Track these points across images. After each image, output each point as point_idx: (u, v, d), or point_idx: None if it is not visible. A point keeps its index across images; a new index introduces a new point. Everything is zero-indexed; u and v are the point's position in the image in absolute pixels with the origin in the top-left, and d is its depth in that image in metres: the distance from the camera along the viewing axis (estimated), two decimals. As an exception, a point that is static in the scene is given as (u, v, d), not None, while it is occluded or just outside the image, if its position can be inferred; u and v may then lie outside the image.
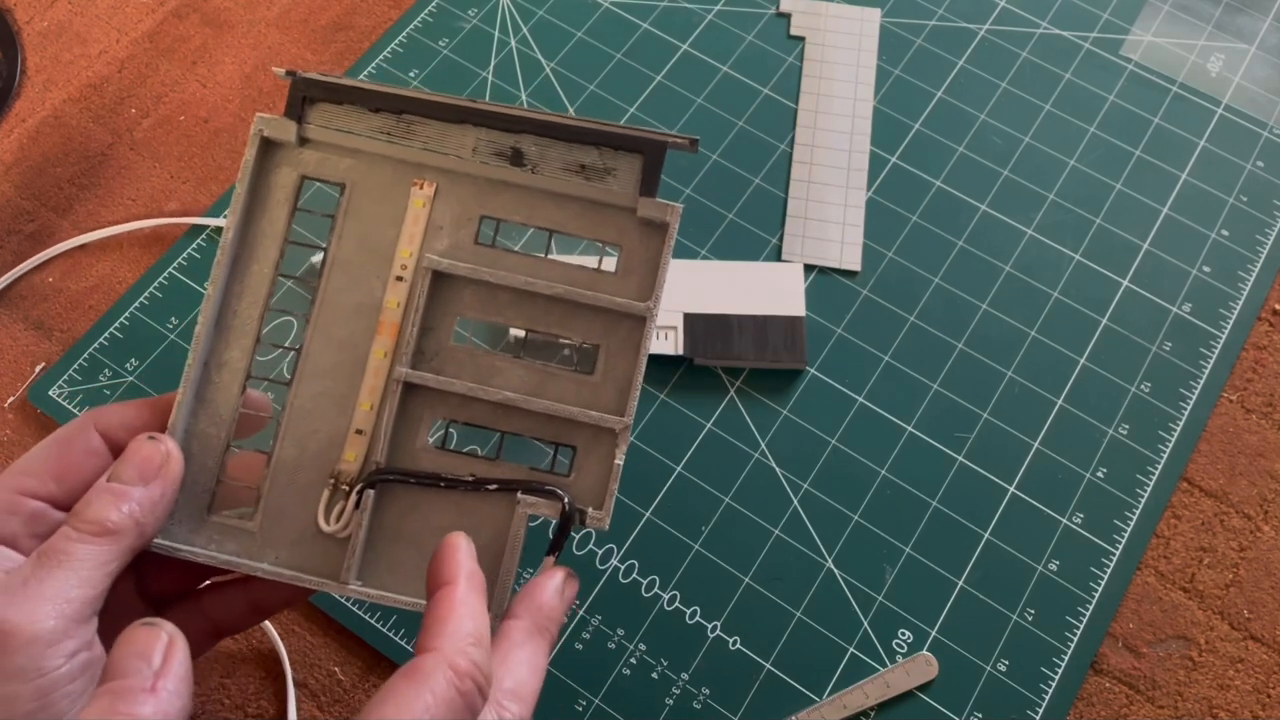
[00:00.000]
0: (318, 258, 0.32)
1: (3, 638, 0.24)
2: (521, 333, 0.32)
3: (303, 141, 0.32)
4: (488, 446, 0.32)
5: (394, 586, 0.31)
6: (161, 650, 0.24)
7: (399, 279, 0.31)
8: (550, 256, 0.32)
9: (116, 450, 0.29)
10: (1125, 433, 0.46)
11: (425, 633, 0.26)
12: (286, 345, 0.33)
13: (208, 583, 0.33)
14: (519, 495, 0.30)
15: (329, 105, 0.31)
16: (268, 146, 0.32)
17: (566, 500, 0.30)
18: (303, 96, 0.31)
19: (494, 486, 0.30)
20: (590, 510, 0.30)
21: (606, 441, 0.31)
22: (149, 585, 0.32)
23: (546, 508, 0.30)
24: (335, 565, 0.31)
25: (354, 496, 0.31)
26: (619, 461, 0.30)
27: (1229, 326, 0.49)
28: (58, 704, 0.24)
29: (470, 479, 0.31)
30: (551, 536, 0.31)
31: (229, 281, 0.31)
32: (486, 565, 0.30)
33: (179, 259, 0.49)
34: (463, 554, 0.28)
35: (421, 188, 0.32)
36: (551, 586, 0.30)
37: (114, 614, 0.29)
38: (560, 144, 0.31)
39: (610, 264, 0.31)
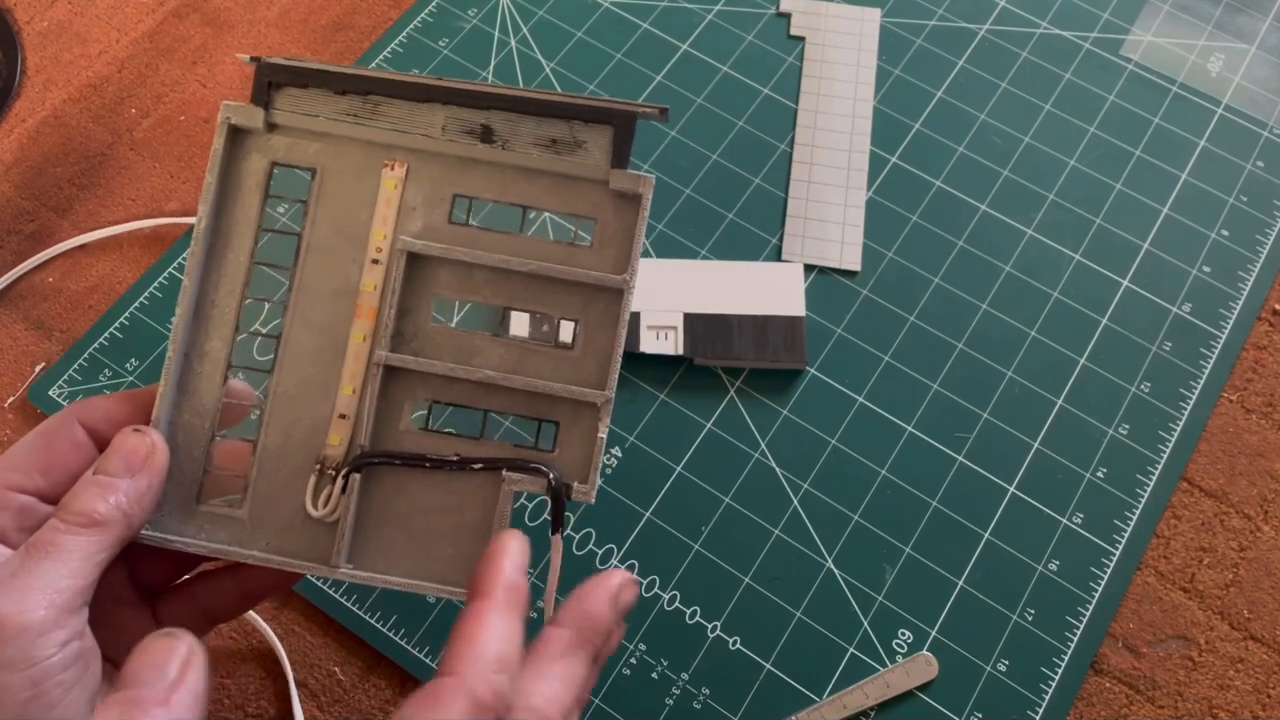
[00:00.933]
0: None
1: None
2: (525, 332, 0.32)
3: (271, 128, 0.31)
4: (466, 425, 0.32)
5: (384, 568, 0.31)
6: (179, 662, 0.25)
7: (374, 261, 0.31)
8: (530, 235, 0.31)
9: (100, 443, 0.29)
10: (1125, 433, 0.46)
11: (449, 651, 0.26)
12: (265, 332, 0.33)
13: (198, 570, 0.33)
14: (504, 472, 0.30)
15: (295, 90, 0.31)
16: (235, 134, 0.31)
17: (552, 475, 0.30)
18: (268, 82, 0.31)
19: (479, 465, 0.30)
20: (575, 484, 0.30)
21: (589, 416, 0.31)
22: (141, 575, 0.32)
23: (531, 483, 0.30)
24: (325, 550, 0.31)
25: (340, 481, 0.31)
26: (602, 435, 0.30)
27: (1229, 326, 0.49)
28: (50, 693, 0.25)
29: (455, 459, 0.31)
30: (550, 518, 0.31)
31: (205, 271, 0.31)
32: (474, 544, 0.30)
33: (179, 259, 0.49)
34: (508, 561, 0.27)
35: (392, 169, 0.31)
36: (604, 593, 0.28)
37: (106, 604, 0.29)
38: (530, 119, 0.31)
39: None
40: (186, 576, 0.33)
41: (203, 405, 0.31)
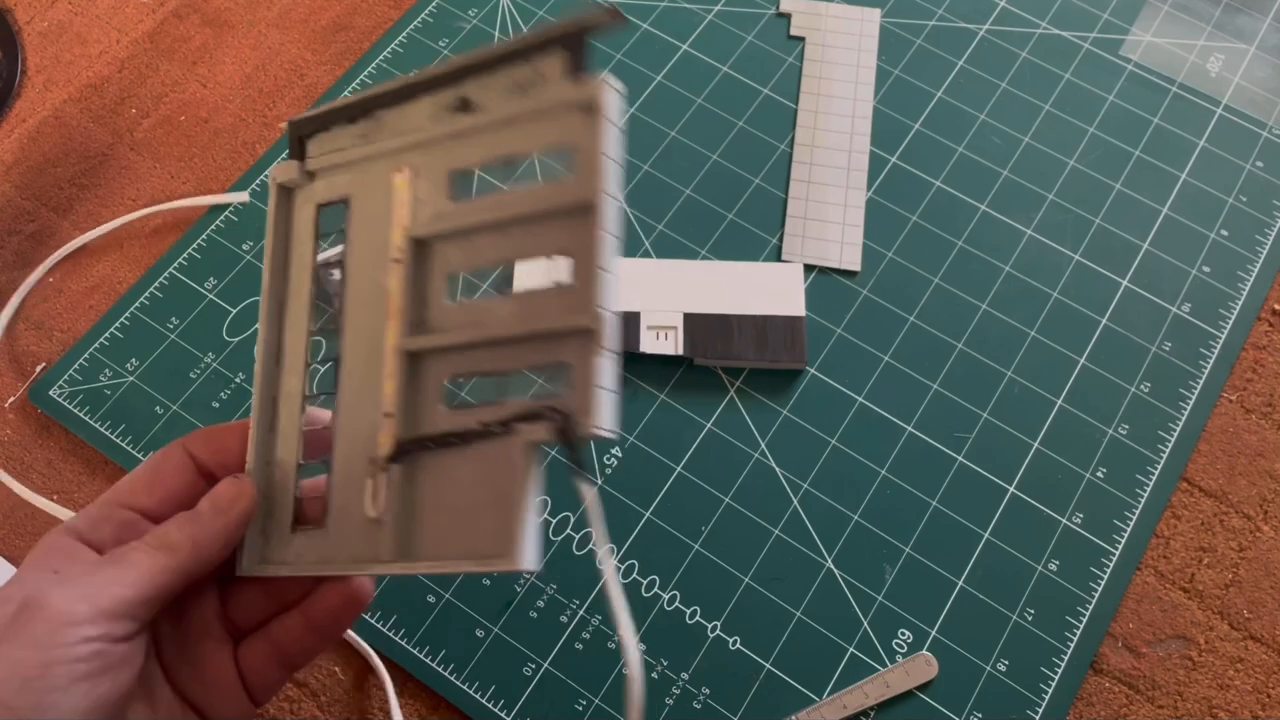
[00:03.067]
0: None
1: (35, 609, 0.26)
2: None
3: (309, 175, 0.34)
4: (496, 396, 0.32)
5: (434, 553, 0.30)
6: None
7: (396, 261, 0.32)
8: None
9: (200, 466, 0.32)
10: (1125, 433, 0.46)
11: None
12: (328, 357, 0.34)
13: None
14: (515, 426, 0.29)
15: (320, 134, 0.34)
16: (284, 192, 0.34)
17: (546, 407, 0.28)
18: (299, 136, 0.34)
19: (500, 427, 0.29)
20: (580, 417, 0.28)
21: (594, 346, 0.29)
22: (233, 614, 0.33)
23: (542, 430, 0.28)
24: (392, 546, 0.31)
25: (383, 476, 0.31)
26: (598, 358, 0.28)
27: (1229, 326, 0.49)
28: (55, 676, 0.26)
29: (479, 427, 0.30)
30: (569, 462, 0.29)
31: (276, 320, 0.33)
32: (512, 511, 0.29)
33: (179, 259, 0.49)
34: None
35: (401, 172, 0.33)
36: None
37: (196, 638, 0.31)
38: (496, 74, 0.31)
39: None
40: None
41: (289, 438, 0.33)
